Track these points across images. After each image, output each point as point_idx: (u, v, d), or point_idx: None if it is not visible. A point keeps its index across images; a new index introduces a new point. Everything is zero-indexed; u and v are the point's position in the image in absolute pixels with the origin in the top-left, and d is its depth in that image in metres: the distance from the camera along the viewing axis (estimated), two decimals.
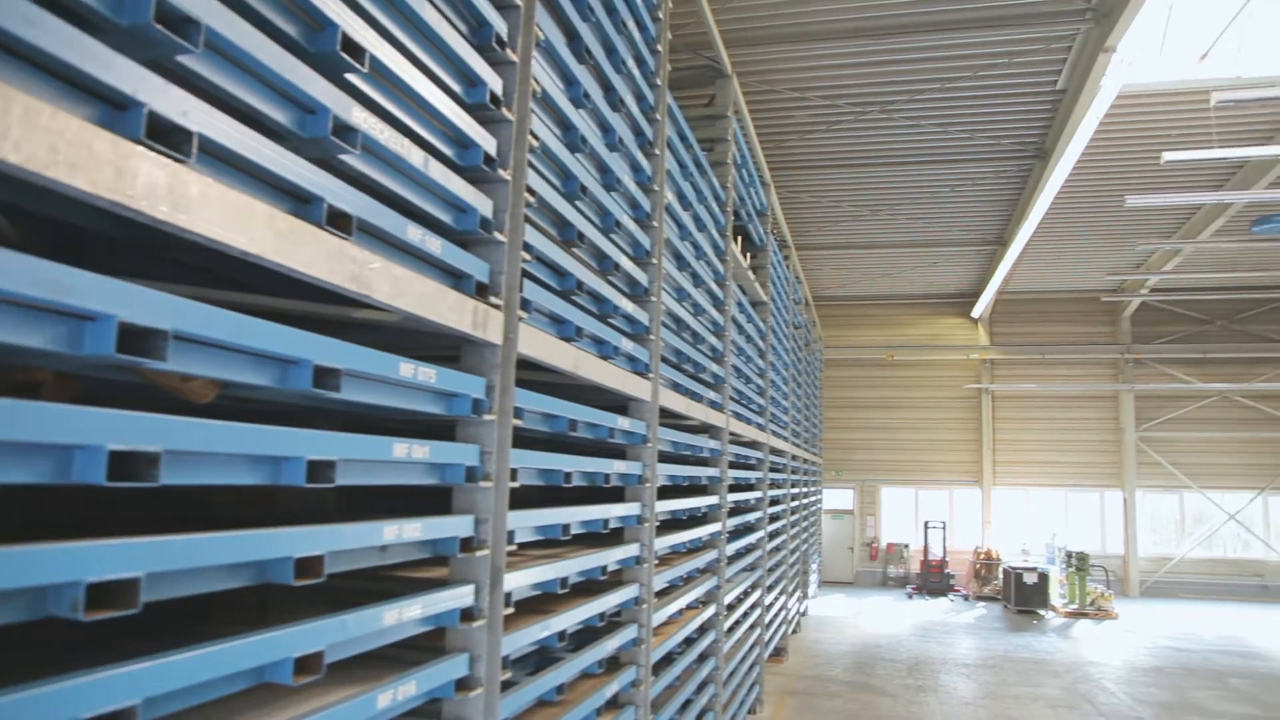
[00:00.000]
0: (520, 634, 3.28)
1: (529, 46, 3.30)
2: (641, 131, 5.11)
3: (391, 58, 2.41)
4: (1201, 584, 22.90)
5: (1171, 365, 23.37)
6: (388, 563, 2.58)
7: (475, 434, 2.99)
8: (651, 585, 4.99)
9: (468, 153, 2.96)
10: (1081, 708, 11.33)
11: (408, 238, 2.51)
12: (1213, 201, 14.76)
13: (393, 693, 2.40)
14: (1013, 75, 12.37)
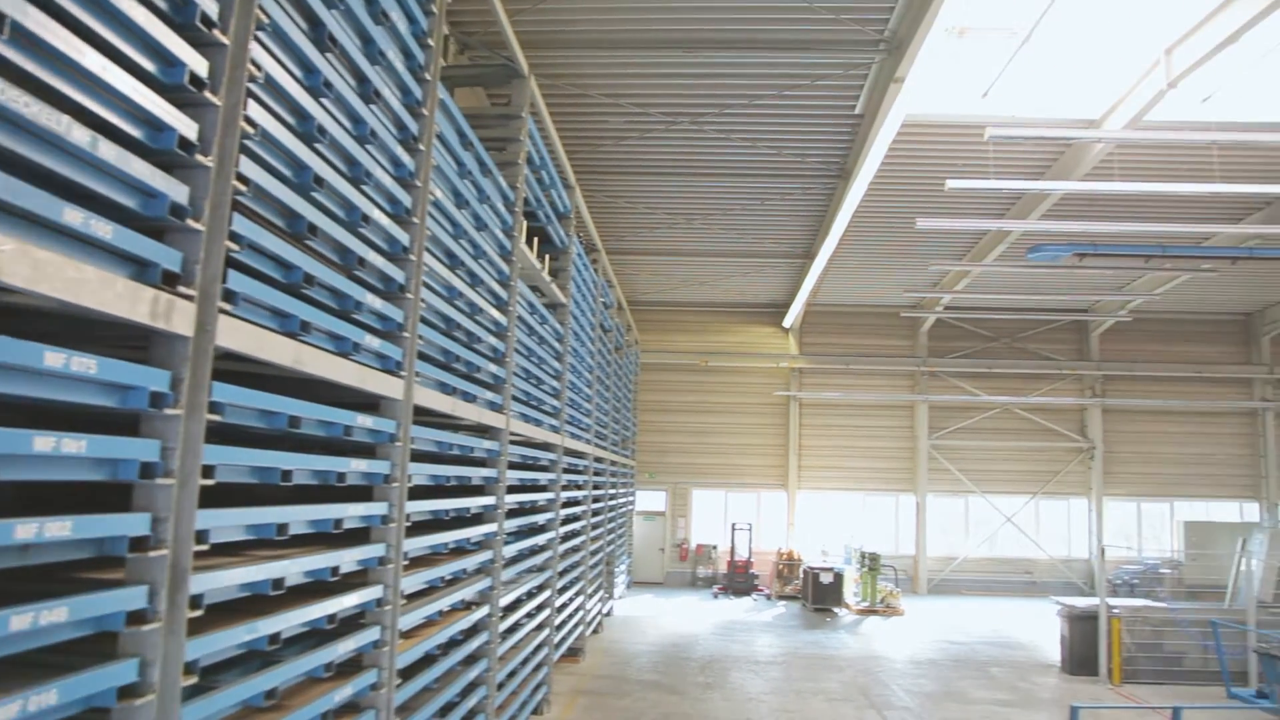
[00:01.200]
0: (215, 637, 3.15)
1: (245, 29, 3.19)
2: (405, 126, 5.03)
3: (46, 25, 2.27)
4: (981, 581, 24.58)
5: (961, 379, 25.02)
6: (35, 562, 2.43)
7: (158, 429, 2.85)
8: (399, 586, 4.92)
9: (160, 135, 2.83)
10: (856, 700, 11.95)
11: (64, 220, 2.37)
12: (994, 228, 15.86)
13: (23, 703, 2.26)
14: (816, 98, 12.91)
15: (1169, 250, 16.54)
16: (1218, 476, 25.34)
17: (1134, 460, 25.23)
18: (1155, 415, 25.29)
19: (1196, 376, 25.13)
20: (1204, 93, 13.47)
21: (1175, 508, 25.31)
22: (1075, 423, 25.22)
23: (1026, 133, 11.56)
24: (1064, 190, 14.20)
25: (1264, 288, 22.66)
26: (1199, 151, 14.16)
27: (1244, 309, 25.03)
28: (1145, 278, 20.91)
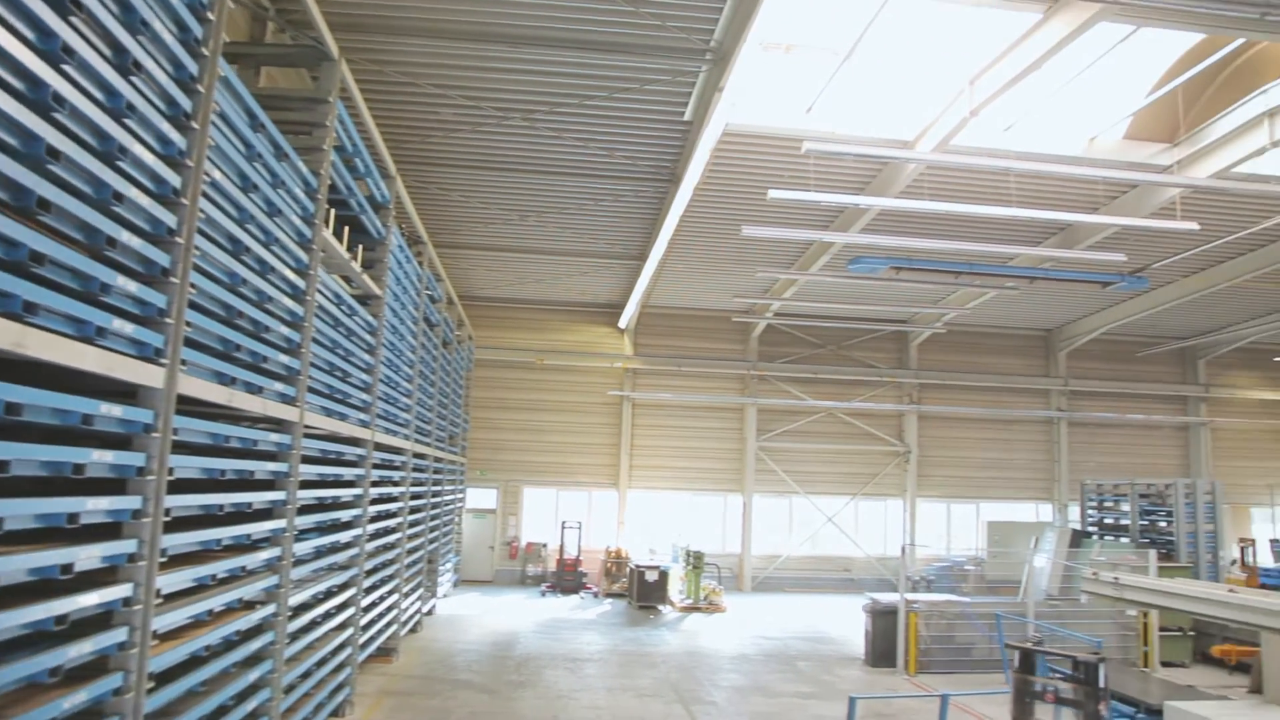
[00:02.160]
0: None
1: None
2: (175, 102, 4.79)
3: None
4: (803, 578, 25.50)
5: (789, 383, 25.89)
6: None
7: None
8: (152, 584, 4.67)
9: None
10: (665, 695, 12.17)
11: None
12: (817, 239, 16.49)
13: None
14: (646, 102, 13.07)
15: (976, 268, 17.62)
16: (1018, 480, 27.18)
17: (945, 464, 26.74)
18: (965, 422, 26.89)
19: (1002, 387, 26.88)
20: (1006, 122, 14.46)
21: (981, 508, 26.94)
22: (894, 428, 26.52)
23: (841, 149, 12.04)
24: (879, 206, 14.86)
25: (1061, 307, 24.45)
26: (999, 177, 15.12)
27: (1044, 326, 26.92)
28: (958, 293, 22.20)
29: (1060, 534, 22.27)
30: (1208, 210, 16.44)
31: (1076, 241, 17.67)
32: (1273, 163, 14.77)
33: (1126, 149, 15.07)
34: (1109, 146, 15.00)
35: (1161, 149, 15.01)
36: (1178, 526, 20.97)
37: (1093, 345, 27.04)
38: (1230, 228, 17.40)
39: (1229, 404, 28.49)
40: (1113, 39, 11.90)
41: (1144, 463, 27.53)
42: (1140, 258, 18.91)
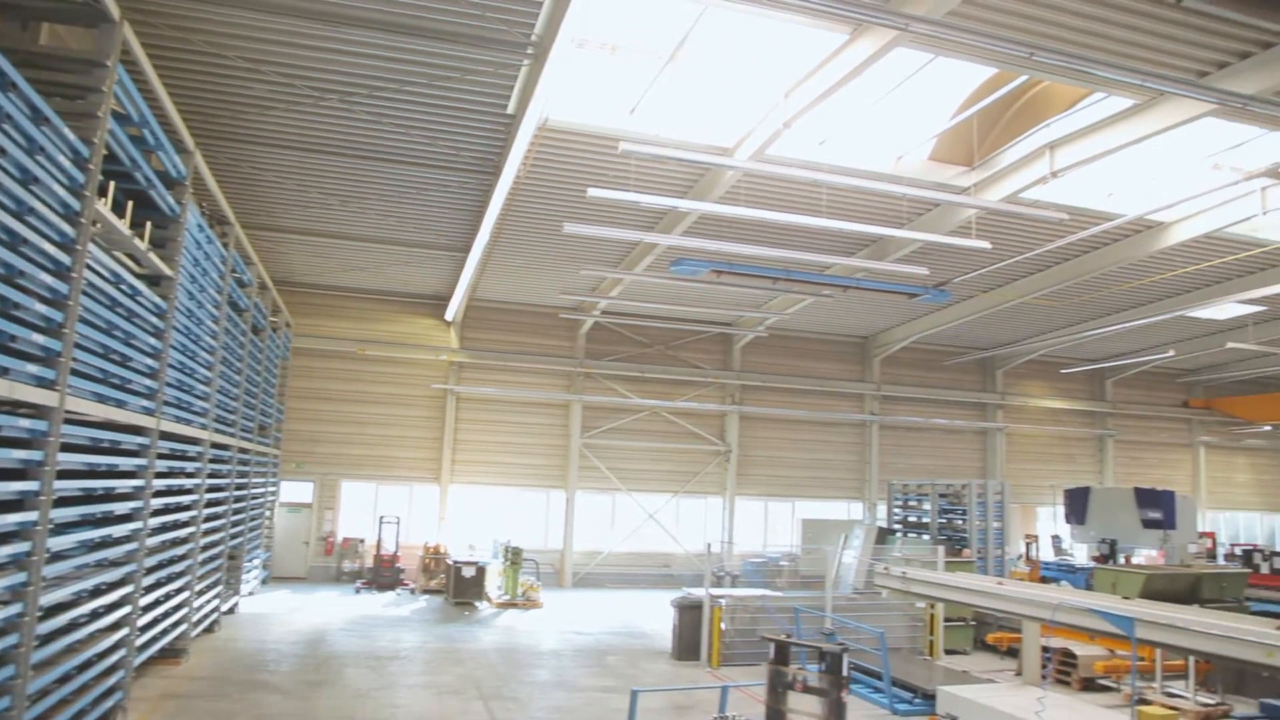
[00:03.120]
0: None
1: None
2: None
3: None
4: (624, 574, 25.79)
5: (615, 381, 26.14)
6: None
7: None
8: None
9: None
10: (467, 692, 12.04)
11: None
12: (638, 239, 16.70)
13: None
14: (469, 92, 12.89)
15: (793, 274, 18.27)
16: (832, 479, 28.40)
17: (764, 463, 27.63)
18: (784, 423, 27.86)
19: (820, 390, 28.02)
20: (821, 136, 15.04)
21: (796, 506, 27.98)
22: (716, 427, 27.20)
23: (658, 151, 12.23)
24: (699, 210, 15.19)
25: (875, 315, 25.71)
26: (813, 189, 15.72)
27: (861, 333, 28.24)
28: (779, 298, 22.98)
29: (867, 531, 23.38)
30: (999, 231, 17.64)
31: (886, 254, 18.60)
32: (1054, 191, 15.97)
33: (930, 169, 15.97)
34: (915, 166, 15.85)
35: (960, 171, 15.98)
36: (970, 524, 22.45)
37: (904, 353, 28.55)
38: (1018, 248, 18.75)
39: (1022, 411, 30.69)
40: (915, 65, 12.57)
41: (947, 465, 29.30)
42: (943, 272, 20.10)
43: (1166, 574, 15.52)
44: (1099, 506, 25.92)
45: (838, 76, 11.53)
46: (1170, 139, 14.23)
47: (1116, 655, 13.72)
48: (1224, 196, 16.29)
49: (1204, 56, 11.51)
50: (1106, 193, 16.87)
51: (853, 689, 12.91)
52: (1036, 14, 10.53)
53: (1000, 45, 9.06)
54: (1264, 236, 18.02)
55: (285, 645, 14.64)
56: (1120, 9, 10.45)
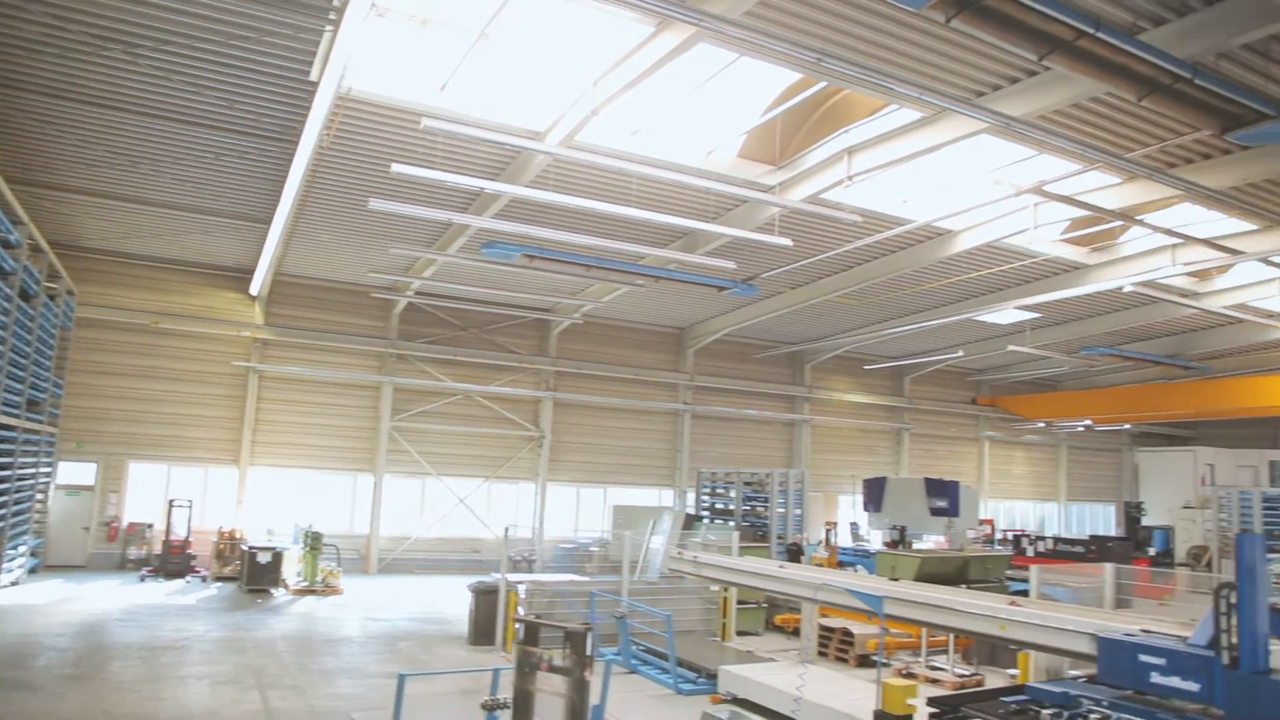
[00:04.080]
0: None
1: None
2: None
3: None
4: (433, 559, 25.40)
5: (429, 364, 25.68)
6: None
7: None
8: None
9: None
10: (245, 682, 11.56)
11: None
12: (446, 219, 16.42)
13: None
14: (268, 54, 12.29)
15: (605, 263, 18.42)
16: (645, 467, 28.90)
17: (578, 450, 27.82)
18: (599, 411, 28.12)
19: (635, 379, 28.44)
20: (633, 126, 15.22)
21: (609, 493, 28.31)
22: (530, 413, 27.16)
23: (461, 130, 12.07)
24: (507, 193, 15.08)
25: (690, 307, 26.29)
26: (624, 178, 15.85)
27: (677, 324, 28.83)
28: (595, 286, 23.12)
29: (675, 517, 23.90)
30: (802, 230, 18.36)
31: (697, 247, 19.03)
32: (856, 194, 16.74)
33: (739, 166, 16.45)
34: (724, 162, 16.27)
35: (768, 170, 16.54)
36: (771, 511, 23.34)
37: (717, 345, 29.34)
38: (819, 248, 19.61)
39: (828, 404, 32.17)
40: (723, 61, 12.88)
41: (757, 454, 30.34)
42: (751, 267, 20.76)
43: (939, 557, 16.66)
44: (894, 495, 27.47)
45: (643, 67, 11.69)
46: (959, 153, 15.23)
47: (889, 634, 14.59)
48: (1002, 210, 17.55)
49: (981, 78, 12.35)
50: (902, 199, 17.87)
51: (641, 670, 13.20)
52: (828, 21, 10.99)
53: (791, 49, 9.42)
54: (1036, 249, 19.55)
55: (48, 638, 13.62)
56: (907, 26, 11.05)
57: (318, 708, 10.55)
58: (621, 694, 11.91)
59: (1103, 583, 14.51)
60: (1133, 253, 20.31)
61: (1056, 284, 21.76)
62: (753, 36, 9.25)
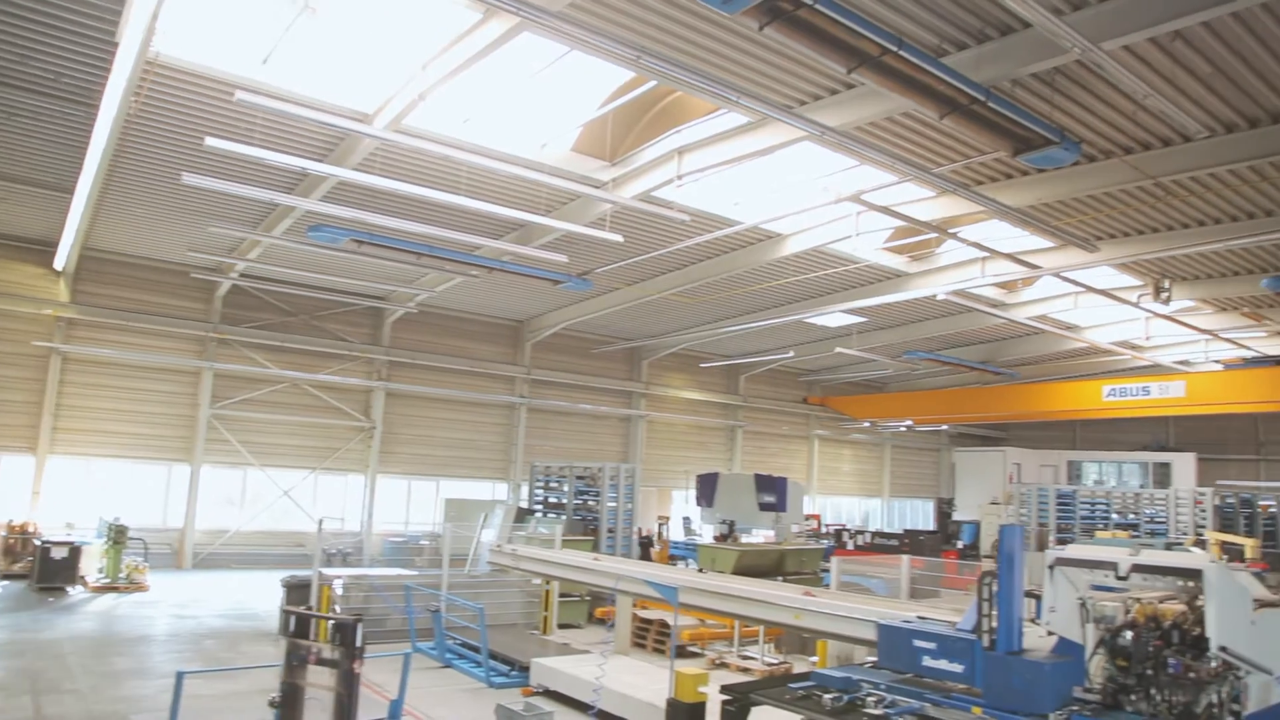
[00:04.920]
0: None
1: None
2: None
3: None
4: (254, 554, 24.32)
5: (254, 349, 24.58)
6: None
7: None
8: None
9: None
10: (16, 687, 10.77)
11: None
12: (266, 198, 15.74)
13: None
14: (68, 7, 11.43)
15: (437, 251, 18.12)
16: (479, 459, 28.59)
17: (411, 441, 27.24)
18: (433, 402, 27.61)
19: (472, 371, 28.05)
20: (465, 114, 14.97)
21: (442, 485, 27.85)
22: (361, 403, 26.41)
23: (274, 105, 11.62)
24: (331, 175, 14.63)
25: (528, 300, 26.15)
26: (455, 167, 15.57)
27: (516, 316, 28.62)
28: (430, 275, 22.62)
29: (507, 511, 23.78)
30: (633, 227, 18.52)
31: (531, 240, 18.91)
32: (689, 194, 17.01)
33: (573, 160, 16.43)
34: (558, 155, 16.23)
35: (601, 165, 16.60)
36: (602, 505, 23.45)
37: (556, 339, 29.30)
38: (651, 245, 19.85)
39: (664, 401, 32.66)
40: (556, 53, 12.81)
41: (593, 449, 30.46)
42: (586, 262, 20.83)
43: (757, 551, 17.17)
44: (726, 490, 28.13)
45: (471, 53, 11.53)
46: (789, 158, 15.69)
47: (705, 625, 14.94)
48: (829, 215, 18.22)
49: (803, 87, 12.76)
50: (734, 201, 18.29)
51: (456, 664, 13.04)
52: (651, 20, 11.09)
53: (611, 44, 9.48)
54: (860, 255, 20.41)
55: None
56: (730, 31, 11.25)
57: (96, 712, 9.91)
58: (432, 688, 11.76)
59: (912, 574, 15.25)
60: (948, 263, 21.46)
61: (879, 290, 22.79)
62: (573, 30, 9.26)
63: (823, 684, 7.51)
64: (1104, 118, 12.75)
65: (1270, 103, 12.01)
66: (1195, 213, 16.47)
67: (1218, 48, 10.70)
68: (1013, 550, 6.86)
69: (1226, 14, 9.66)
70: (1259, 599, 7.90)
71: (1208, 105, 12.11)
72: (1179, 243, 17.18)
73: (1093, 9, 9.85)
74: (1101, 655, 6.74)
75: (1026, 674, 6.50)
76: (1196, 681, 6.25)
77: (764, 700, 7.53)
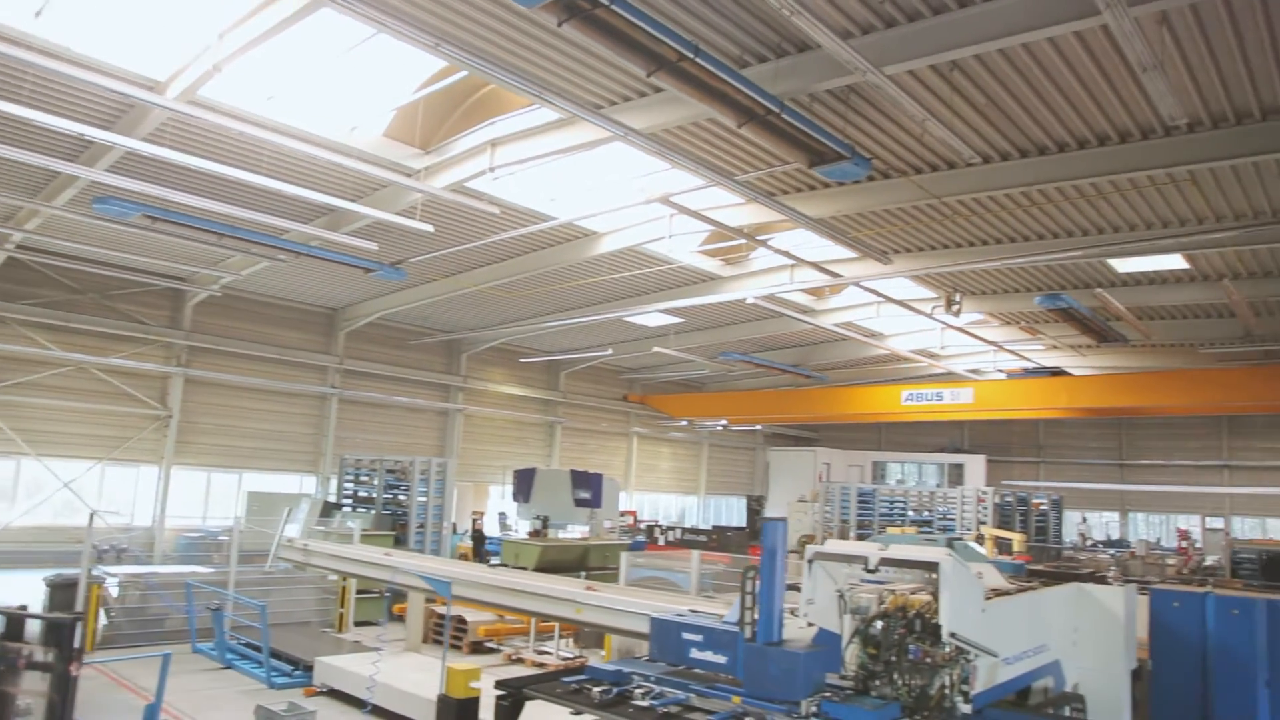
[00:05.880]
0: None
1: None
2: None
3: None
4: (25, 551, 22.39)
5: (34, 329, 22.68)
6: None
7: None
8: None
9: None
10: None
11: None
12: (42, 164, 14.58)
13: None
14: None
15: (240, 233, 17.28)
16: (288, 451, 27.45)
17: (212, 431, 25.84)
18: (238, 390, 26.29)
19: (281, 359, 26.88)
20: (270, 91, 14.33)
21: (245, 478, 26.58)
22: (157, 390, 24.85)
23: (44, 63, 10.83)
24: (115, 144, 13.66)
25: (341, 288, 25.29)
26: (256, 145, 14.86)
27: (329, 305, 27.64)
28: (235, 258, 21.53)
29: (313, 505, 23.01)
30: (446, 218, 18.22)
31: (341, 226, 18.30)
32: (503, 188, 16.91)
33: (384, 146, 16.01)
34: (369, 140, 15.76)
35: (414, 153, 16.26)
36: (412, 500, 22.99)
37: (371, 329, 28.50)
38: (464, 237, 19.60)
39: (483, 395, 32.34)
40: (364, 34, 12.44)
41: (409, 442, 29.78)
42: (399, 251, 20.34)
43: (560, 546, 17.27)
44: (542, 486, 28.22)
45: (269, 25, 11.06)
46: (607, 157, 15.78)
47: (503, 620, 14.90)
48: (644, 216, 18.50)
49: (612, 88, 12.91)
50: (550, 197, 18.29)
51: (238, 665, 12.50)
52: (457, 7, 10.94)
53: (408, 28, 9.32)
54: (675, 257, 20.84)
55: None
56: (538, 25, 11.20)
57: None
58: (208, 690, 11.25)
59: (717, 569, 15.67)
60: (760, 269, 22.22)
61: (695, 291, 23.34)
62: (370, 10, 9.03)
63: (596, 677, 7.61)
64: (894, 137, 13.52)
65: (1036, 135, 13.06)
66: (979, 232, 17.72)
67: (990, 81, 11.54)
68: (775, 545, 7.15)
69: (994, 50, 10.43)
70: (996, 589, 8.59)
71: (984, 133, 13.05)
72: (964, 259, 18.44)
73: (879, 34, 10.43)
74: (856, 644, 7.15)
75: (782, 663, 6.78)
76: (932, 666, 6.73)
77: (536, 695, 7.58)
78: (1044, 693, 8.96)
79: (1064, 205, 15.79)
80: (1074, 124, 12.62)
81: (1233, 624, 10.01)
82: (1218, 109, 11.86)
